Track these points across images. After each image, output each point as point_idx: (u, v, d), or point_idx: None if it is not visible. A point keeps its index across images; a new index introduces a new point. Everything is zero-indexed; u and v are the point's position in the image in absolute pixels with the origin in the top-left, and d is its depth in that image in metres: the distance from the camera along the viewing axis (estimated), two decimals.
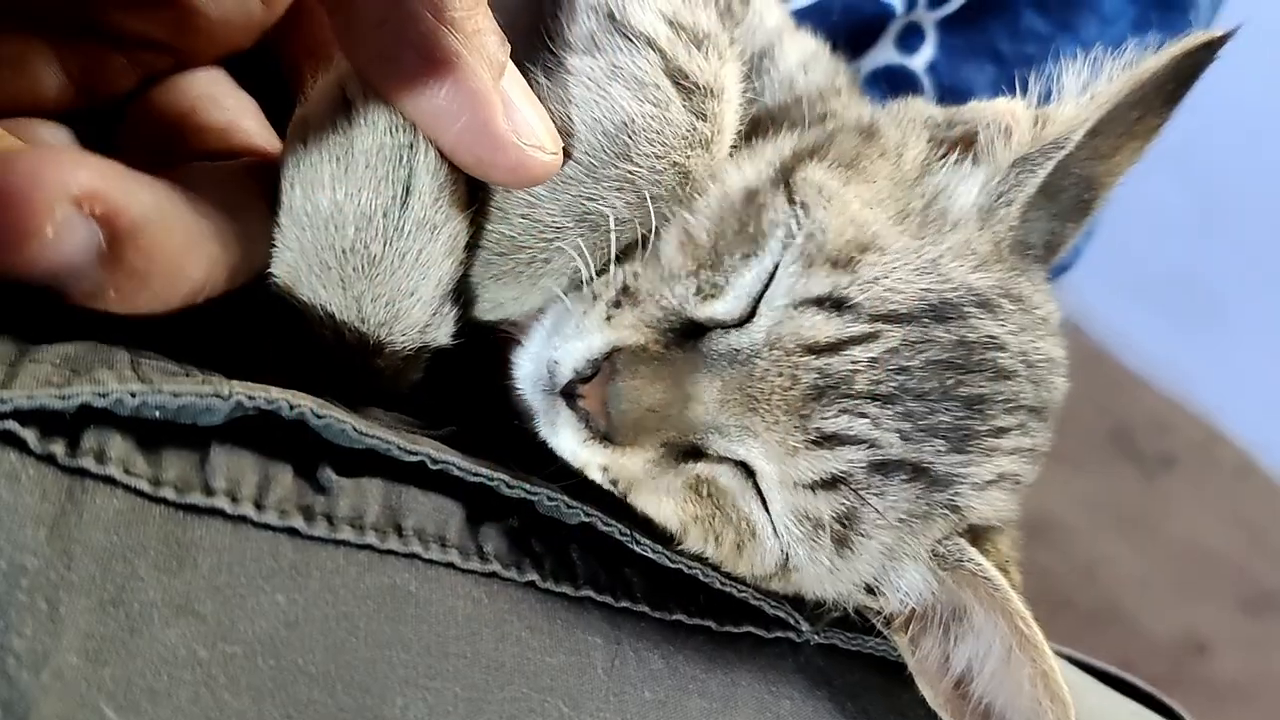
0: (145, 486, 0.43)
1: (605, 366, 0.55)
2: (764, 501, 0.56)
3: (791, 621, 0.58)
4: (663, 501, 0.56)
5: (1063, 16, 1.02)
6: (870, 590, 0.59)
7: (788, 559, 0.56)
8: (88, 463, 0.42)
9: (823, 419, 0.54)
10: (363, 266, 0.51)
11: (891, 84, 0.99)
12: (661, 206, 0.56)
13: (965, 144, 0.62)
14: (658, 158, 0.55)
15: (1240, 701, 2.28)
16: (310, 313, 0.52)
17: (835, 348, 0.54)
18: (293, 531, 0.46)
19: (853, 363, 0.54)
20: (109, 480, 0.43)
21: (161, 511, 0.44)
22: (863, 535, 0.55)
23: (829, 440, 0.54)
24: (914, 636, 0.59)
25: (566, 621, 0.52)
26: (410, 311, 0.53)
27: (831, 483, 0.54)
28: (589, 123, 0.55)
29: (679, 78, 0.56)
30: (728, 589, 0.56)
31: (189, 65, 0.55)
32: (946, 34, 1.00)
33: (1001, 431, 0.57)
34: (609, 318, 0.56)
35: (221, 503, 0.45)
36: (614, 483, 0.56)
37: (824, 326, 0.54)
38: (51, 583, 0.40)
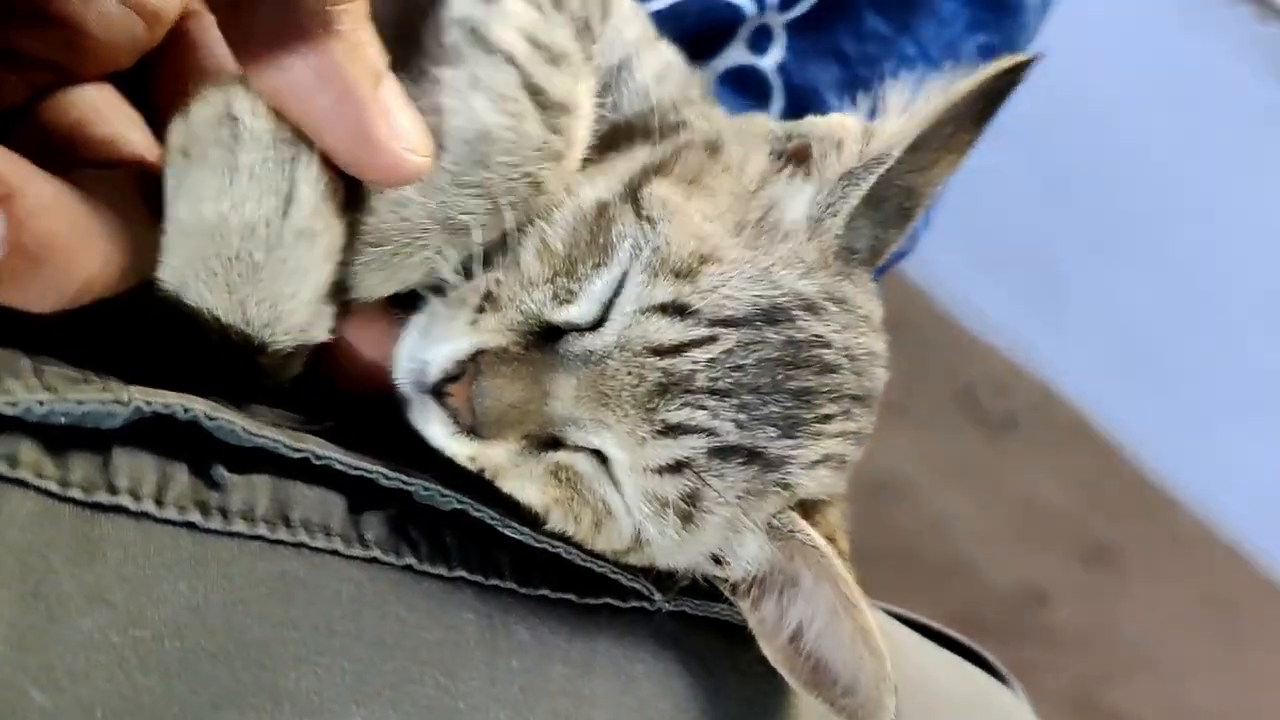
0: (55, 488, 0.47)
1: (470, 367, 0.59)
2: (616, 484, 0.61)
3: (645, 592, 0.64)
4: (527, 486, 0.61)
5: (902, 18, 1.08)
6: (716, 560, 0.65)
7: (639, 534, 0.62)
8: (1, 468, 0.46)
9: (667, 412, 0.59)
10: (246, 273, 0.55)
11: (743, 83, 1.04)
12: (516, 214, 0.61)
13: (800, 157, 0.68)
14: (512, 166, 0.59)
15: (1078, 648, 2.40)
16: (197, 316, 0.55)
17: (678, 349, 0.59)
18: (191, 525, 0.50)
19: (693, 363, 0.59)
20: (21, 483, 0.46)
21: (71, 510, 0.47)
22: (705, 511, 0.61)
23: (673, 430, 0.59)
24: (755, 600, 0.65)
25: (441, 600, 0.57)
26: (292, 313, 0.57)
27: (676, 467, 0.60)
28: (452, 131, 0.58)
29: (535, 93, 0.60)
30: (588, 564, 0.62)
31: (74, 82, 0.58)
32: (795, 36, 1.05)
33: (827, 418, 0.63)
34: (474, 322, 0.60)
35: (125, 500, 0.49)
36: (481, 471, 0.61)
37: (667, 331, 0.59)
38: None
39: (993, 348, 2.65)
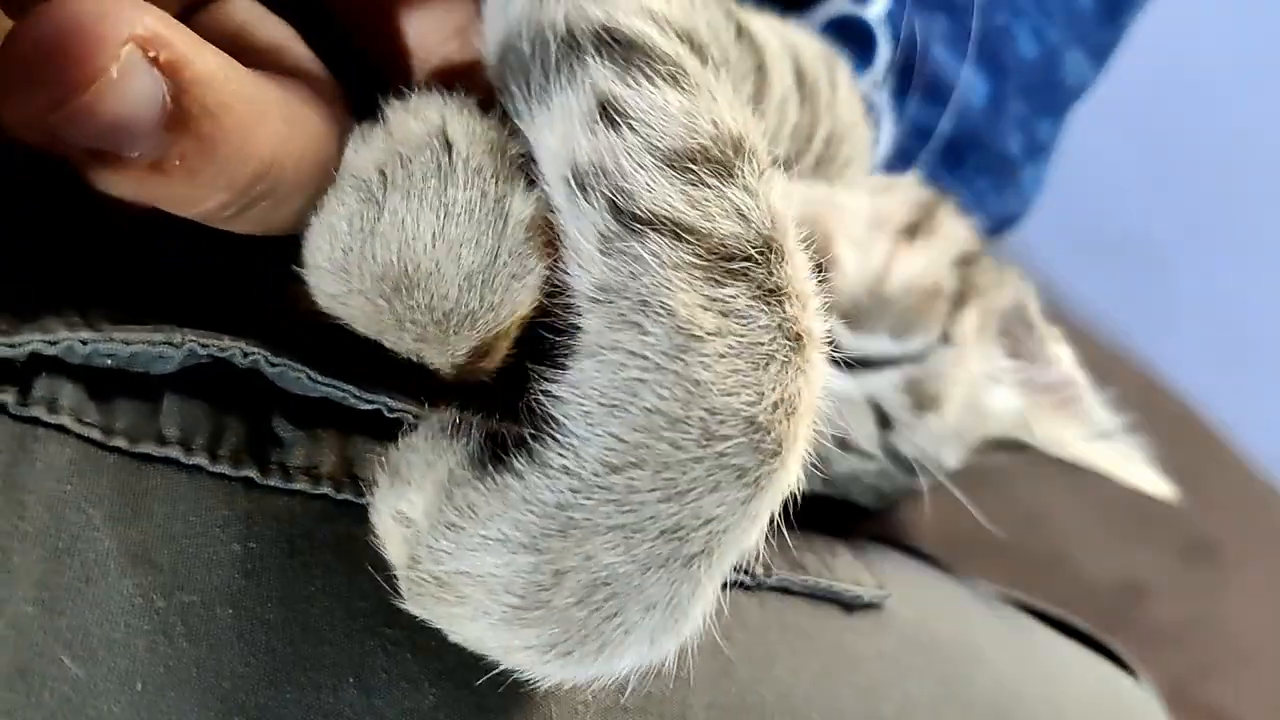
0: (98, 436, 0.43)
1: None
2: None
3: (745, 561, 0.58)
4: None
5: None
6: None
7: None
8: (39, 412, 0.41)
9: None
10: (460, 324, 0.46)
11: (845, 34, 0.98)
12: None
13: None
14: None
15: (1177, 643, 2.33)
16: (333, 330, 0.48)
17: None
18: (248, 481, 0.45)
19: None
20: (61, 429, 0.42)
21: (115, 461, 0.43)
22: None
23: None
24: None
25: None
26: (494, 359, 0.49)
27: None
28: None
29: None
30: None
31: None
32: None
33: None
34: None
35: (175, 452, 0.44)
36: None
37: None
38: (4, 532, 0.40)
39: (1094, 335, 2.57)
